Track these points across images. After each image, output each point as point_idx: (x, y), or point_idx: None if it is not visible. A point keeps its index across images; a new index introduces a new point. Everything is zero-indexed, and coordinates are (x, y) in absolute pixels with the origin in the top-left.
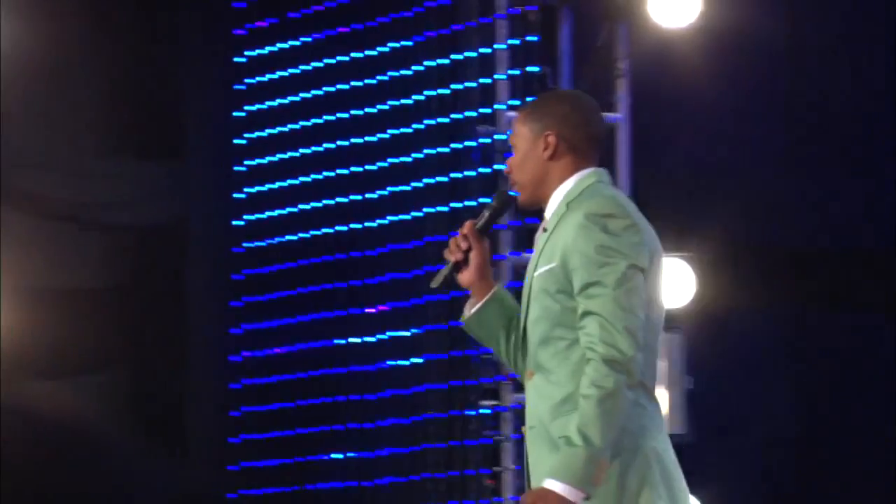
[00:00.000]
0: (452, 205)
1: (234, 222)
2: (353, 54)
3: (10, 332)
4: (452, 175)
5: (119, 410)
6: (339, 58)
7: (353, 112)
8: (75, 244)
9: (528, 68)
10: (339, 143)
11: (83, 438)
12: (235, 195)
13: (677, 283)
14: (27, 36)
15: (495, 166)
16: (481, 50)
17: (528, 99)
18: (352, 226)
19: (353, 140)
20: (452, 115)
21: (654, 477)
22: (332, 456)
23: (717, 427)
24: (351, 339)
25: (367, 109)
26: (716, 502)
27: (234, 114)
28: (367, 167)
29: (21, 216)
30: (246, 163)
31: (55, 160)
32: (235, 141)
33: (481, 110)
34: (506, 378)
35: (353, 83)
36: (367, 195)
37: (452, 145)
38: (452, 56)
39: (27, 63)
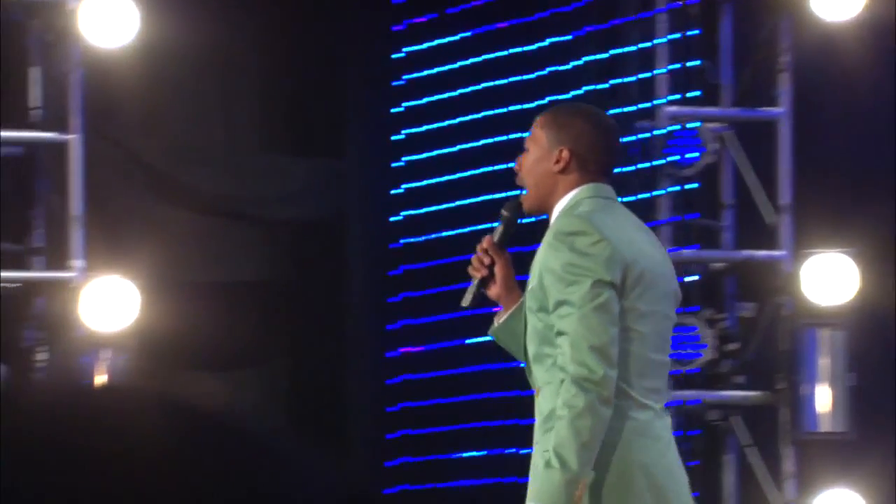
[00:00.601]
0: None
1: (392, 218)
2: (511, 50)
3: (168, 326)
4: None
5: (277, 405)
6: (497, 53)
7: (511, 108)
8: (233, 239)
9: (689, 63)
10: (496, 138)
11: (240, 433)
12: (393, 191)
13: (839, 279)
14: (187, 31)
15: (654, 162)
16: (641, 45)
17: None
18: None
19: (511, 135)
20: (611, 111)
21: (639, 491)
22: (491, 452)
23: (879, 424)
24: None
25: (525, 105)
26: (878, 500)
27: (393, 110)
28: None
29: (180, 211)
30: (404, 159)
31: (214, 156)
32: (393, 137)
33: (640, 106)
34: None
35: (511, 79)
36: (525, 192)
37: None
38: (611, 51)
39: (186, 58)
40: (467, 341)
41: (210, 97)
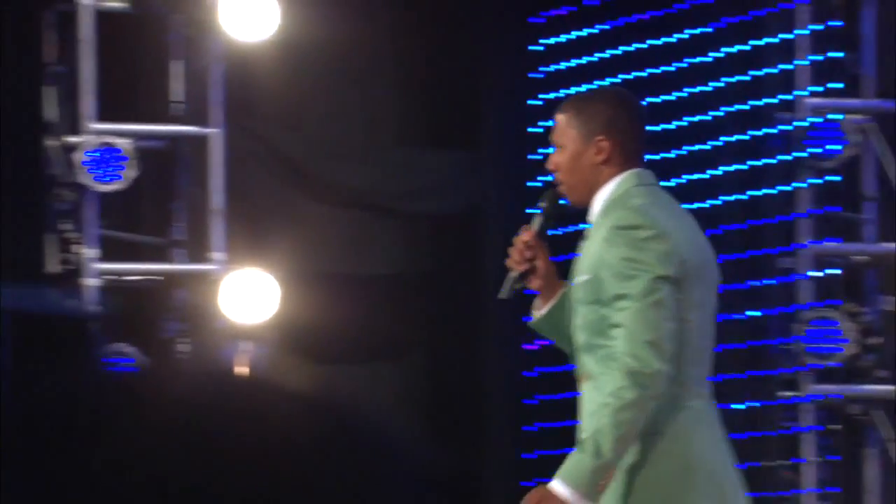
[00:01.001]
0: (751, 193)
1: (529, 210)
2: (650, 41)
3: (306, 318)
4: (751, 163)
5: (413, 398)
6: (636, 45)
7: (649, 100)
8: (371, 232)
9: (831, 54)
10: None
11: (378, 425)
12: (530, 183)
13: None
14: (325, 24)
15: (795, 154)
16: (782, 35)
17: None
18: None
19: (649, 128)
20: (752, 102)
21: (702, 480)
22: None
23: None
24: None
25: (664, 97)
26: None
27: (530, 102)
28: (663, 155)
29: (318, 204)
30: (541, 151)
31: (351, 149)
32: (530, 129)
33: (781, 97)
34: (806, 368)
35: (650, 70)
36: (664, 183)
37: (751, 133)
38: (752, 42)
39: (326, 51)
40: None
41: (348, 90)
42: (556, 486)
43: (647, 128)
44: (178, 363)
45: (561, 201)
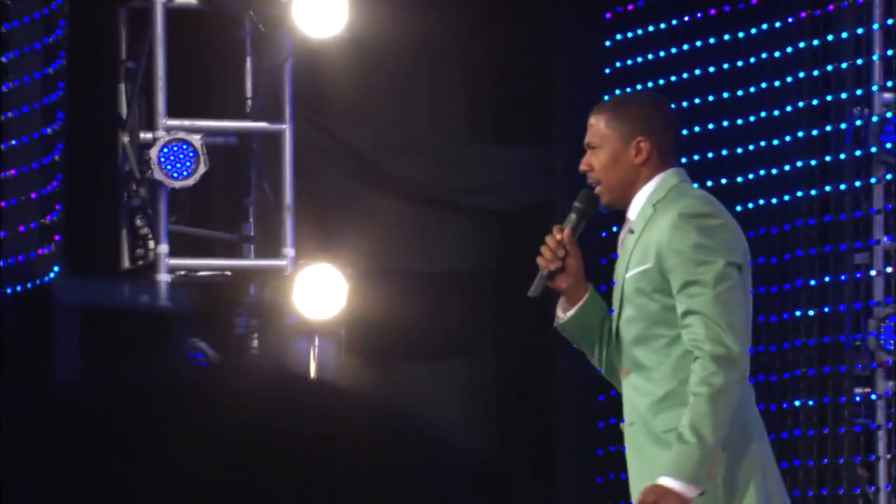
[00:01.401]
0: (824, 188)
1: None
2: (724, 36)
3: (375, 315)
4: (825, 158)
5: (483, 397)
6: (709, 40)
7: (722, 94)
8: (441, 229)
9: None
10: (707, 126)
11: (442, 424)
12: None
13: None
14: (394, 20)
15: (869, 149)
16: (856, 30)
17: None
18: None
19: (722, 123)
20: (825, 97)
21: (759, 474)
22: None
23: None
24: None
25: (737, 92)
26: None
27: (604, 97)
28: (736, 150)
29: (388, 200)
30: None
31: (421, 145)
32: None
33: (855, 92)
34: (876, 365)
35: (722, 65)
36: (737, 179)
37: (825, 128)
38: (826, 37)
39: (395, 47)
40: None
41: (418, 86)
42: (668, 481)
43: (724, 123)
44: (247, 360)
45: (596, 204)
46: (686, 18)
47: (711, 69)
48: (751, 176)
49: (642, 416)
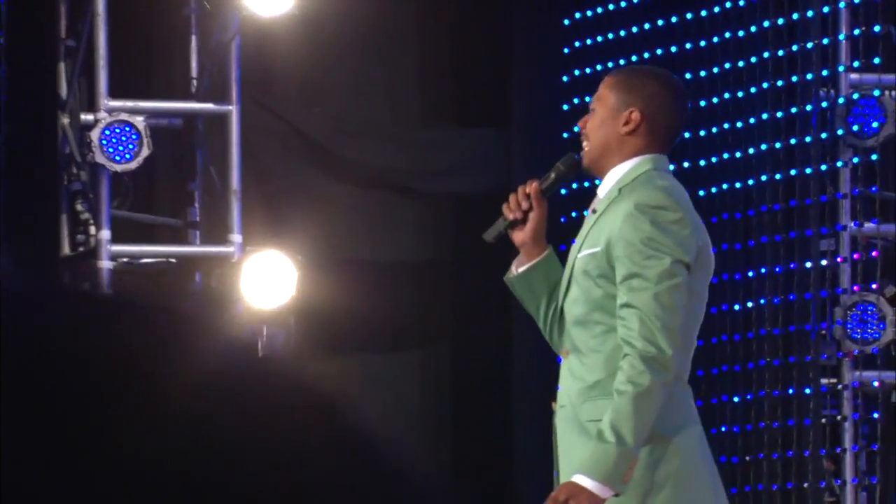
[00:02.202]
0: (789, 172)
1: (562, 191)
2: (686, 15)
3: (326, 303)
4: (789, 141)
5: (439, 387)
6: (671, 18)
7: (685, 75)
8: (395, 214)
9: (872, 28)
10: None
11: (402, 415)
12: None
13: None
14: (351, 3)
15: (838, 131)
16: (823, 9)
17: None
18: None
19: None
20: (790, 78)
21: (683, 472)
22: None
23: None
24: None
25: (699, 72)
26: None
27: (562, 78)
28: (698, 133)
29: (340, 184)
30: (576, 129)
31: (374, 127)
32: (564, 107)
33: (821, 73)
34: (843, 354)
35: (685, 45)
36: (699, 162)
37: (790, 110)
38: (791, 15)
39: (347, 26)
40: None
41: (371, 66)
42: (583, 479)
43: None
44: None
45: (576, 168)
46: None
47: (674, 49)
48: (714, 159)
49: (572, 400)
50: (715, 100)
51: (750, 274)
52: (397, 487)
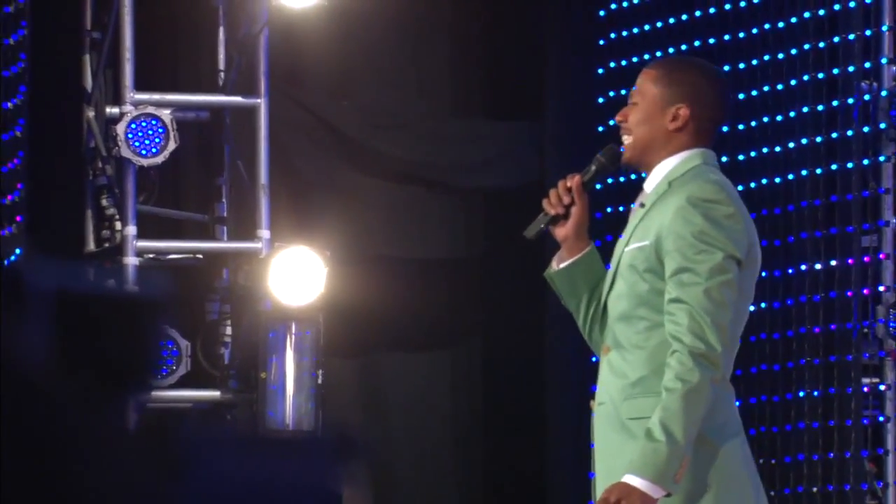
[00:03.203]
0: (830, 166)
1: (597, 186)
2: (724, 5)
3: (356, 299)
4: (831, 135)
5: (471, 385)
6: (709, 9)
7: (723, 68)
8: (426, 209)
9: None
10: None
11: (433, 414)
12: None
13: None
14: None
15: (880, 125)
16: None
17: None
18: None
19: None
20: (831, 71)
21: (726, 476)
22: None
23: None
24: None
25: (738, 65)
26: None
27: (599, 70)
28: (737, 127)
29: (369, 179)
30: (611, 123)
31: (405, 120)
32: (599, 100)
33: (863, 65)
34: (885, 353)
35: (723, 37)
36: (738, 157)
37: (831, 103)
38: (833, 6)
39: (377, 17)
40: None
41: (401, 58)
42: (634, 479)
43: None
44: (223, 347)
45: (618, 161)
46: None
47: (711, 41)
48: (753, 154)
49: (612, 398)
50: (754, 93)
51: (790, 271)
52: (429, 486)
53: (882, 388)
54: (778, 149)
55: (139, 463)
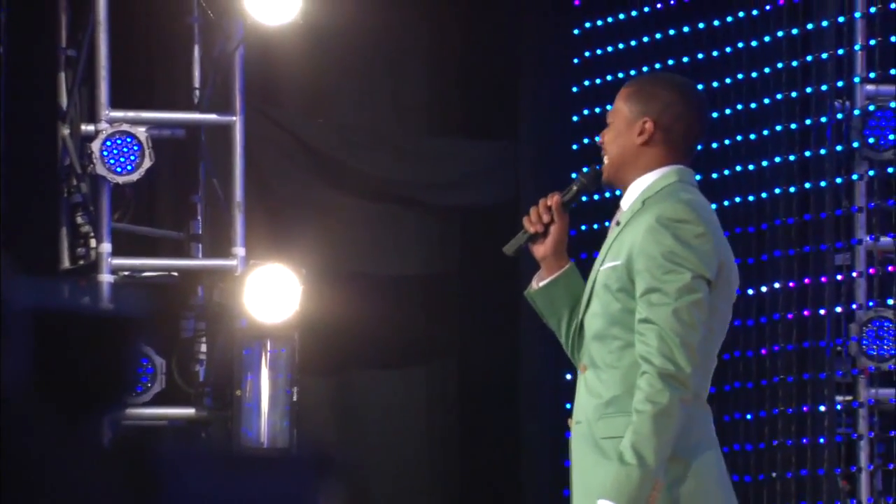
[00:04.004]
0: (803, 185)
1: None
2: (698, 24)
3: (331, 317)
4: (804, 153)
5: (446, 401)
6: (683, 28)
7: (699, 86)
8: (401, 227)
9: (888, 38)
10: None
11: (408, 431)
12: (574, 175)
13: None
14: (353, 6)
15: (853, 144)
16: (838, 19)
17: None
18: None
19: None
20: (805, 89)
21: (699, 495)
22: None
23: None
24: None
25: (711, 83)
26: None
27: (572, 88)
28: (710, 145)
29: (344, 196)
30: (585, 141)
31: (380, 138)
32: (574, 118)
33: (836, 84)
34: (858, 371)
35: (697, 55)
36: (711, 175)
37: (805, 121)
38: (806, 25)
39: (353, 35)
40: None
41: (377, 76)
42: None
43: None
44: (198, 364)
45: (599, 181)
46: (659, 6)
47: (685, 59)
48: (726, 172)
49: (588, 416)
50: (728, 111)
51: (763, 289)
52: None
53: (855, 405)
54: (752, 167)
55: (114, 480)
